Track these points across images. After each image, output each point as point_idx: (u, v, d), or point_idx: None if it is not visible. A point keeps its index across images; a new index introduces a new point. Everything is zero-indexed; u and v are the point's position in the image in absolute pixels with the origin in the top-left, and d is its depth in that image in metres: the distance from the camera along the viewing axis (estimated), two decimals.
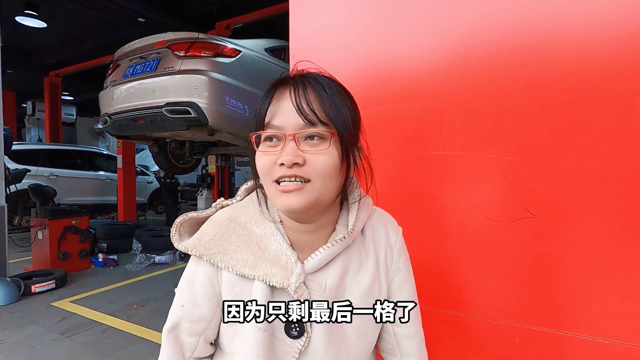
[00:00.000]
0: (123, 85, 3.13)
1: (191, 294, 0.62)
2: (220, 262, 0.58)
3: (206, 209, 0.65)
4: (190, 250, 0.60)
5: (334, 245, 0.60)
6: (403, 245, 0.71)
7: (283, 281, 0.56)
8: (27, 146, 6.99)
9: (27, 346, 2.58)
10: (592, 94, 0.82)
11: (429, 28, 0.99)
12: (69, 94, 10.06)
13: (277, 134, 0.56)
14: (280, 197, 0.55)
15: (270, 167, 0.55)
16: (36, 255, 4.39)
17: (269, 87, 0.59)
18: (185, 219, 0.64)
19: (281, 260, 0.58)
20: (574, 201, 0.84)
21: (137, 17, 5.27)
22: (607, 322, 0.82)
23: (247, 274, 0.57)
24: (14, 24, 5.51)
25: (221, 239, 0.60)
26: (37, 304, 3.37)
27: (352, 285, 0.62)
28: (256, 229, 0.61)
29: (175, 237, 0.62)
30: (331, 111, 0.56)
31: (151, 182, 8.40)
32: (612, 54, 0.80)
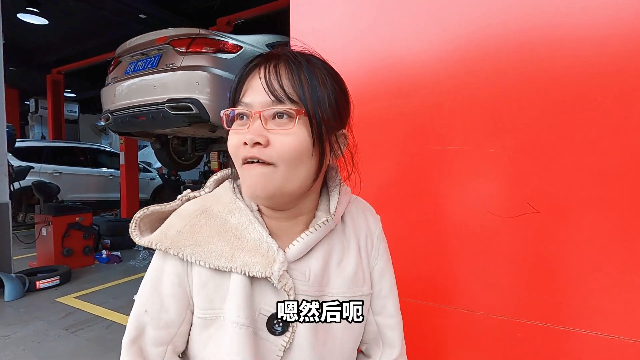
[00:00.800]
0: (125, 81, 3.13)
1: (157, 296, 0.54)
2: (191, 255, 0.52)
3: (169, 202, 0.59)
4: (155, 244, 0.53)
5: (316, 230, 0.56)
6: (382, 233, 0.68)
7: (265, 270, 0.51)
8: (31, 143, 7.02)
9: (32, 342, 2.60)
10: (594, 89, 0.81)
11: (430, 24, 0.98)
12: (72, 91, 10.08)
13: (244, 111, 0.52)
14: (246, 180, 0.52)
15: (238, 147, 0.52)
16: (40, 252, 4.42)
17: (244, 64, 0.56)
18: (145, 213, 0.57)
19: (261, 249, 0.53)
20: (576, 196, 0.83)
21: (138, 14, 5.26)
22: (611, 318, 0.81)
23: (223, 266, 0.52)
24: (16, 21, 5.51)
25: (191, 231, 0.54)
26: (42, 300, 3.40)
27: (335, 274, 0.59)
28: (231, 219, 0.56)
29: (135, 233, 0.55)
30: (301, 89, 0.51)
31: (154, 179, 8.42)
32: (615, 49, 0.79)
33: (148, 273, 0.56)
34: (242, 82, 0.54)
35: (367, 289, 0.62)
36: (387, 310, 0.66)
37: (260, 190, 0.51)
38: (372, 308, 0.66)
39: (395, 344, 0.66)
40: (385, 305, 0.66)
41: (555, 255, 0.86)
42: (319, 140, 0.52)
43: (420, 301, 1.00)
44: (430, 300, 1.00)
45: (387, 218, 0.73)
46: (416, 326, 0.67)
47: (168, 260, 0.55)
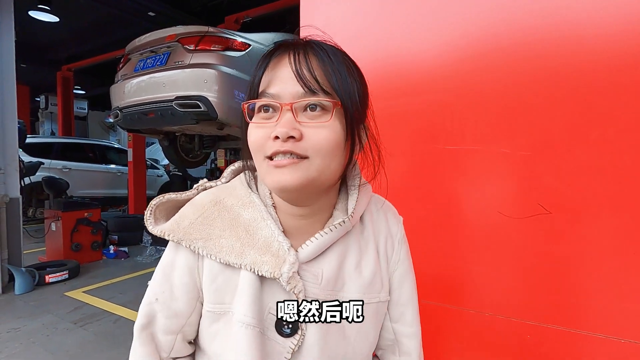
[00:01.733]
0: (134, 79, 3.15)
1: (168, 285, 0.54)
2: (202, 248, 0.51)
3: (186, 191, 0.58)
4: (167, 235, 0.52)
5: (332, 231, 0.53)
6: (404, 236, 0.64)
7: (274, 270, 0.49)
8: (41, 139, 7.12)
9: (42, 335, 2.64)
10: (609, 87, 0.79)
11: (439, 21, 0.97)
12: (81, 88, 10.19)
13: (272, 104, 0.49)
14: (272, 174, 0.48)
15: (264, 141, 0.48)
16: (50, 247, 4.49)
17: (266, 52, 0.52)
18: (162, 200, 0.56)
19: (272, 247, 0.51)
20: (589, 197, 0.82)
21: (147, 12, 5.31)
22: (623, 321, 0.80)
23: (233, 262, 0.50)
24: (28, 19, 5.59)
25: (203, 223, 0.53)
26: (51, 294, 3.45)
27: (352, 278, 0.55)
28: (244, 213, 0.54)
29: (150, 221, 0.54)
30: (335, 79, 0.49)
31: (161, 176, 8.49)
32: (628, 45, 0.77)
33: (161, 261, 0.56)
34: (264, 72, 0.50)
35: (384, 295, 0.59)
36: (406, 319, 0.62)
37: (291, 185, 0.48)
38: (390, 315, 0.62)
39: (412, 353, 0.63)
40: (404, 313, 0.62)
41: (566, 257, 0.85)
42: (351, 132, 0.51)
43: (428, 301, 0.99)
44: (439, 300, 1.00)
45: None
46: (423, 326, 0.66)
47: (180, 250, 0.54)
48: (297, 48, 0.50)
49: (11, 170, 3.54)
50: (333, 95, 0.49)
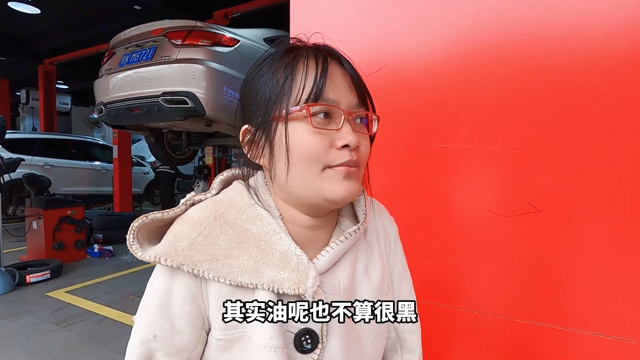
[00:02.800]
0: (119, 74, 3.07)
1: (167, 318, 0.48)
2: (208, 271, 0.46)
3: (172, 209, 0.52)
4: (165, 260, 0.46)
5: (347, 239, 0.52)
6: (398, 235, 0.66)
7: (298, 286, 0.46)
8: (22, 135, 6.90)
9: (22, 336, 2.57)
10: (601, 88, 0.80)
11: (434, 18, 0.97)
12: (64, 82, 9.92)
13: (333, 110, 0.48)
14: (342, 183, 0.47)
15: (326, 149, 0.47)
16: (31, 245, 4.36)
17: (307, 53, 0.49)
18: (144, 221, 0.49)
19: (290, 262, 0.48)
20: (579, 197, 0.83)
21: (132, 5, 5.17)
22: (610, 319, 0.81)
23: (247, 282, 0.46)
24: (7, 10, 5.40)
25: (205, 243, 0.47)
26: (32, 294, 3.36)
27: (363, 283, 0.55)
28: (252, 228, 0.49)
29: (136, 246, 0.47)
30: (369, 93, 0.52)
31: (147, 173, 8.35)
32: (623, 45, 0.78)
33: (153, 290, 0.49)
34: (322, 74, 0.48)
35: (391, 295, 0.60)
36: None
37: (356, 192, 0.49)
38: None
39: (414, 348, 0.64)
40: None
41: (555, 255, 0.85)
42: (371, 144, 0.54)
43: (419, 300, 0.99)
44: (430, 298, 1.00)
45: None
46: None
47: (177, 276, 0.48)
48: (340, 57, 0.51)
49: None
50: (368, 108, 0.52)
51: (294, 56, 0.49)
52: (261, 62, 0.52)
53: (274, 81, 0.49)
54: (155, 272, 0.50)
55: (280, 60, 0.50)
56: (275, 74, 0.49)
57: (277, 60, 0.50)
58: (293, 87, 0.48)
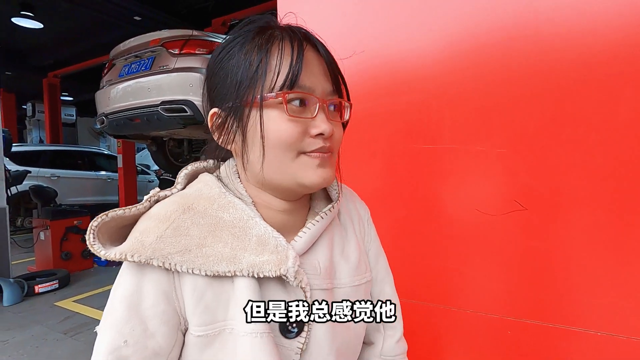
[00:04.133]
0: (119, 84, 3.12)
1: (137, 320, 0.43)
2: (181, 263, 0.43)
3: (135, 205, 0.48)
4: (131, 256, 0.42)
5: (322, 219, 0.53)
6: (370, 217, 0.66)
7: (278, 268, 0.45)
8: (28, 147, 7.02)
9: (31, 346, 2.61)
10: (579, 86, 0.80)
11: (417, 22, 0.98)
12: (69, 94, 10.07)
13: (309, 98, 0.47)
14: (317, 170, 0.47)
15: (300, 136, 0.46)
16: (39, 256, 4.42)
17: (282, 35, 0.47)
18: (104, 219, 0.45)
19: (269, 245, 0.46)
20: (563, 193, 0.83)
21: (133, 16, 5.25)
22: (599, 315, 0.81)
23: (224, 270, 0.44)
24: (11, 26, 5.51)
25: (176, 235, 0.45)
26: (41, 304, 3.40)
27: (340, 264, 0.55)
28: (225, 215, 0.47)
29: (97, 245, 0.43)
30: (343, 79, 0.51)
31: (152, 181, 8.42)
32: (599, 44, 0.79)
33: (119, 292, 0.45)
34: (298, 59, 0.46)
35: (369, 275, 0.60)
36: (385, 293, 0.64)
37: (329, 180, 0.49)
38: (372, 293, 0.63)
39: (396, 325, 0.64)
40: (383, 289, 0.64)
41: (543, 252, 0.86)
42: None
43: (408, 300, 1.00)
44: (419, 298, 1.00)
45: (374, 216, 0.72)
46: (405, 324, 0.66)
47: (147, 274, 0.44)
48: (314, 40, 0.49)
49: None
50: (342, 95, 0.52)
51: (267, 38, 0.47)
52: (231, 41, 0.49)
53: (246, 64, 0.46)
54: (120, 273, 0.46)
55: (253, 41, 0.47)
56: (248, 56, 0.46)
57: (249, 40, 0.47)
58: (267, 72, 0.45)
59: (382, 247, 0.67)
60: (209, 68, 0.52)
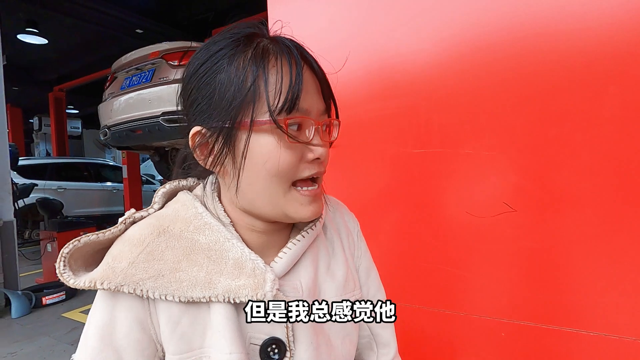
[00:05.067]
0: (121, 97, 3.18)
1: (111, 352, 0.42)
2: (153, 290, 0.41)
3: (109, 229, 0.46)
4: (101, 284, 0.40)
5: (304, 237, 0.50)
6: (360, 230, 0.63)
7: (255, 292, 0.43)
8: (35, 161, 7.13)
9: (39, 358, 2.63)
10: (565, 86, 0.81)
11: (405, 27, 0.99)
12: (74, 107, 10.23)
13: (306, 121, 0.44)
14: (309, 206, 0.46)
15: (297, 163, 0.44)
16: (47, 268, 4.47)
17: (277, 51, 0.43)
18: (76, 246, 0.43)
19: (245, 269, 0.44)
20: (552, 194, 0.84)
21: (134, 29, 5.36)
22: (592, 315, 0.81)
23: (199, 296, 0.42)
24: (16, 42, 5.64)
25: (149, 260, 0.42)
26: (48, 316, 3.44)
27: (326, 282, 0.52)
28: (200, 238, 0.45)
29: (67, 274, 0.42)
30: (333, 96, 0.48)
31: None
32: (584, 45, 0.79)
33: (91, 323, 0.43)
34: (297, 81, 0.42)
35: (358, 292, 0.57)
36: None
37: (320, 212, 0.47)
38: None
39: (389, 342, 0.62)
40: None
41: (535, 253, 0.86)
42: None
43: (402, 303, 1.00)
44: (412, 302, 1.00)
45: (366, 222, 0.72)
46: (398, 328, 0.66)
47: (120, 302, 0.43)
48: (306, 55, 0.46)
49: (4, 193, 3.55)
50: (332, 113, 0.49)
51: (261, 51, 0.42)
52: (215, 51, 0.44)
53: (238, 81, 0.42)
54: (94, 302, 0.44)
55: (244, 53, 0.42)
56: (240, 72, 0.42)
57: (239, 52, 0.43)
58: (265, 92, 0.41)
59: (372, 252, 0.65)
60: (188, 79, 0.46)
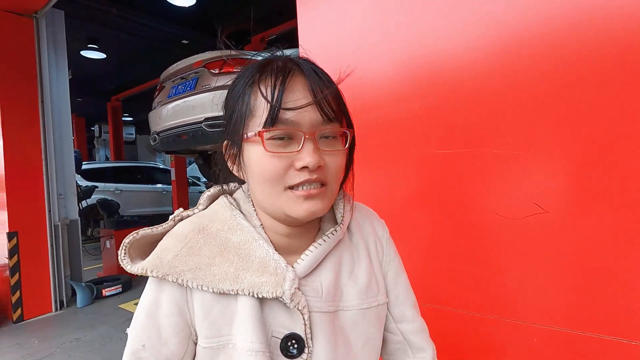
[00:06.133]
0: (168, 104, 3.41)
1: (154, 328, 0.49)
2: (192, 280, 0.48)
3: (162, 224, 0.54)
4: (150, 272, 0.48)
5: (325, 242, 0.54)
6: (390, 237, 0.65)
7: (275, 289, 0.48)
8: (95, 165, 7.85)
9: (98, 344, 2.90)
10: (595, 84, 0.77)
11: (426, 28, 0.99)
12: (129, 115, 11.08)
13: (292, 132, 0.47)
14: (302, 204, 0.48)
15: (284, 171, 0.48)
16: (106, 263, 4.90)
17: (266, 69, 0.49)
18: (135, 237, 0.51)
19: (269, 267, 0.49)
20: (585, 194, 0.80)
21: (180, 40, 5.71)
22: (630, 322, 0.76)
23: (229, 289, 0.48)
24: (80, 58, 6.24)
25: (189, 254, 0.49)
26: (107, 306, 3.77)
27: (348, 286, 0.55)
28: (232, 237, 0.51)
29: (126, 260, 0.49)
30: (342, 106, 0.51)
31: (202, 192, 8.92)
32: (614, 36, 0.75)
33: (142, 303, 0.51)
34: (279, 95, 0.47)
35: (382, 298, 0.59)
36: (407, 316, 0.63)
37: (321, 211, 0.49)
38: (393, 316, 0.62)
39: (424, 347, 0.63)
40: (404, 311, 0.62)
41: (567, 256, 0.82)
42: (351, 155, 0.55)
43: (428, 305, 1.00)
44: (438, 303, 1.00)
45: (391, 223, 0.73)
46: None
47: (165, 288, 0.50)
48: (308, 70, 0.49)
49: (70, 195, 3.95)
50: (342, 123, 0.51)
51: (260, 74, 0.49)
52: (238, 77, 0.52)
53: (240, 102, 0.50)
54: (146, 286, 0.52)
55: (252, 77, 0.50)
56: (242, 95, 0.50)
57: (249, 77, 0.50)
58: (254, 109, 0.48)
59: (400, 253, 0.66)
60: (225, 101, 0.55)
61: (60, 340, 2.98)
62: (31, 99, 3.48)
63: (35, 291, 3.48)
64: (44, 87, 3.58)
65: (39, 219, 3.52)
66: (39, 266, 3.51)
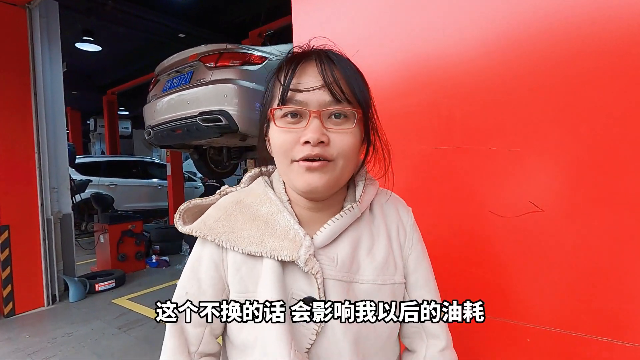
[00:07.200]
0: (163, 98, 3.36)
1: (195, 279, 0.60)
2: (226, 241, 0.57)
3: (210, 197, 0.65)
4: (195, 232, 0.59)
5: (342, 217, 0.59)
6: (415, 224, 0.67)
7: (292, 254, 0.54)
8: (90, 159, 7.77)
9: (91, 339, 2.88)
10: (593, 82, 0.76)
11: (426, 26, 0.97)
12: (125, 109, 10.99)
13: (300, 110, 0.53)
14: (304, 176, 0.54)
15: (292, 145, 0.53)
16: (99, 257, 4.86)
17: (287, 58, 0.57)
18: (188, 206, 0.63)
19: (289, 235, 0.56)
20: (582, 193, 0.78)
21: (177, 34, 5.65)
22: (625, 324, 0.75)
23: (254, 251, 0.56)
24: (75, 50, 6.16)
25: (227, 220, 0.59)
26: (100, 301, 3.74)
27: (365, 262, 0.59)
28: (262, 208, 0.60)
29: (179, 223, 0.61)
30: (356, 88, 0.55)
31: (198, 187, 8.90)
32: (616, 35, 0.73)
33: (190, 258, 0.62)
34: (289, 78, 0.54)
35: (399, 277, 0.62)
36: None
37: (321, 186, 0.54)
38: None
39: (439, 334, 0.64)
40: (424, 296, 0.63)
41: (564, 255, 0.81)
42: (367, 137, 0.59)
43: None
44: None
45: None
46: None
47: (206, 247, 0.60)
48: (320, 57, 0.55)
49: (63, 188, 3.90)
50: (354, 104, 0.55)
51: (289, 58, 0.56)
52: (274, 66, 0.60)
53: (269, 87, 0.59)
54: (194, 247, 0.62)
55: (279, 66, 0.58)
56: (270, 81, 0.59)
57: (277, 66, 0.58)
58: (274, 93, 0.57)
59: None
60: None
61: (52, 334, 2.96)
62: (24, 91, 3.43)
63: (27, 285, 3.44)
64: (37, 79, 3.52)
65: (32, 213, 3.48)
66: (31, 260, 3.47)
